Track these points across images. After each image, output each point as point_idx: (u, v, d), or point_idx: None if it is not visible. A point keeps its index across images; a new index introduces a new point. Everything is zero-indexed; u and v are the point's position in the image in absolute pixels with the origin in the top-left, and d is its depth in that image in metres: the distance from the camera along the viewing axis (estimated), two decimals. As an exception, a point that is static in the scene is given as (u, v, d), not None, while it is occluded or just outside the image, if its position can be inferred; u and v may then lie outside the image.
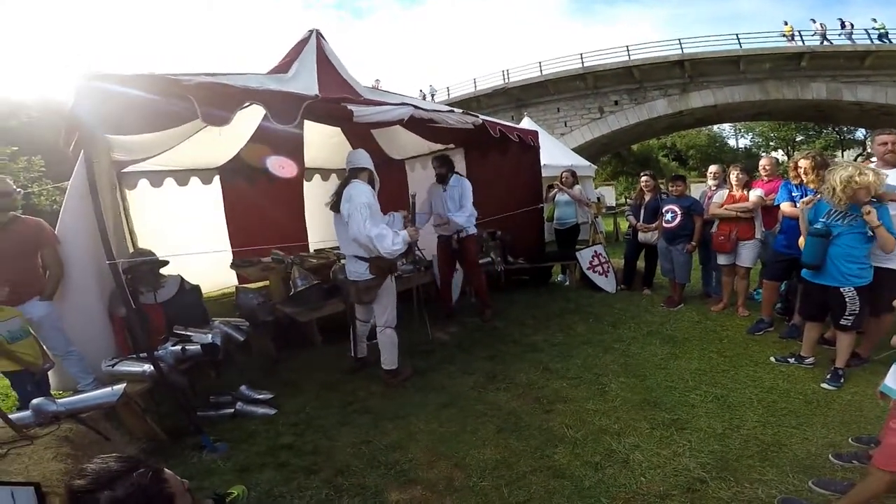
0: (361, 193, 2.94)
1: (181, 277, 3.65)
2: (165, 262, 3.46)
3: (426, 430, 2.60)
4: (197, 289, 3.84)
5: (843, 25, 17.91)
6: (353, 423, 2.74)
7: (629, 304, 5.02)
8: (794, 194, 3.60)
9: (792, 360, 3.21)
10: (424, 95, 22.96)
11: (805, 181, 3.51)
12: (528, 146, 4.93)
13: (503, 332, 4.26)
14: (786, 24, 18.95)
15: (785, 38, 18.33)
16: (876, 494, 1.62)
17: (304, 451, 2.46)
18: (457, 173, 4.51)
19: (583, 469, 2.14)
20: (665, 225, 4.74)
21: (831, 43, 17.50)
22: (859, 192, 2.57)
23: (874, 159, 3.18)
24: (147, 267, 3.29)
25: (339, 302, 4.34)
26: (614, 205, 14.50)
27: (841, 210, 2.75)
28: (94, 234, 2.45)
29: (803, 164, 3.49)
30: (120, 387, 2.31)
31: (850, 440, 2.24)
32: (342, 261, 3.43)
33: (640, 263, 5.56)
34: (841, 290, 2.79)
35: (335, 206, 3.09)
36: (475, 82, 22.99)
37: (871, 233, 2.65)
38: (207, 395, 3.09)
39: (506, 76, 21.64)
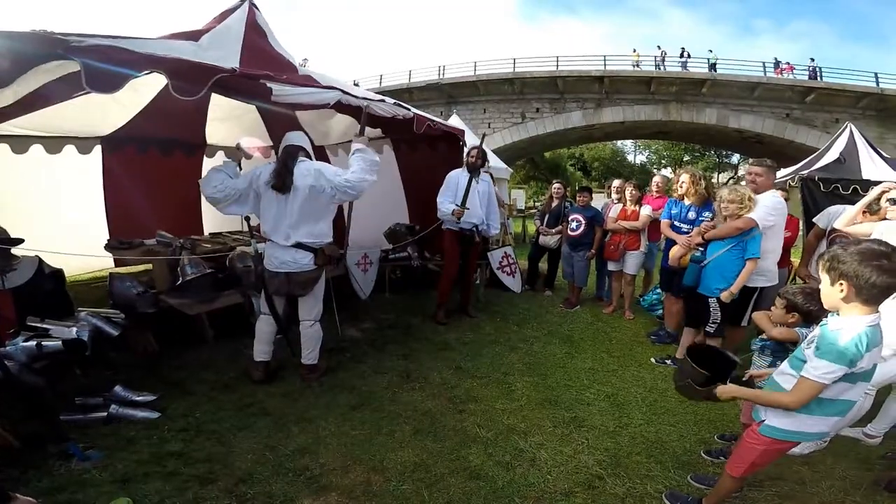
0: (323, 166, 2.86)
1: (39, 259, 3.04)
2: (19, 241, 2.86)
3: (337, 433, 2.49)
4: (59, 273, 3.23)
5: (681, 55, 21.01)
6: (251, 428, 2.52)
7: (532, 304, 5.35)
8: (673, 211, 3.94)
9: (669, 362, 3.65)
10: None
11: (682, 195, 3.87)
12: (455, 144, 4.95)
13: (416, 330, 4.26)
14: (634, 51, 21.80)
15: (631, 65, 20.90)
16: (728, 493, 1.91)
17: (196, 459, 2.21)
18: (485, 171, 4.55)
19: (496, 469, 2.21)
20: (570, 233, 5.12)
21: (665, 69, 20.28)
22: (735, 212, 3.01)
23: (743, 182, 3.68)
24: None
25: (235, 293, 3.97)
26: (524, 208, 15.33)
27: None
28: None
29: (684, 178, 3.85)
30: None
31: (716, 437, 2.59)
32: (251, 247, 3.05)
33: (543, 265, 5.96)
34: (708, 299, 3.17)
35: (283, 186, 2.78)
36: (410, 74, 22.89)
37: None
38: (73, 396, 2.62)
39: (441, 72, 21.84)
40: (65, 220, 4.96)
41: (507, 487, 2.08)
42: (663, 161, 39.88)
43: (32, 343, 2.37)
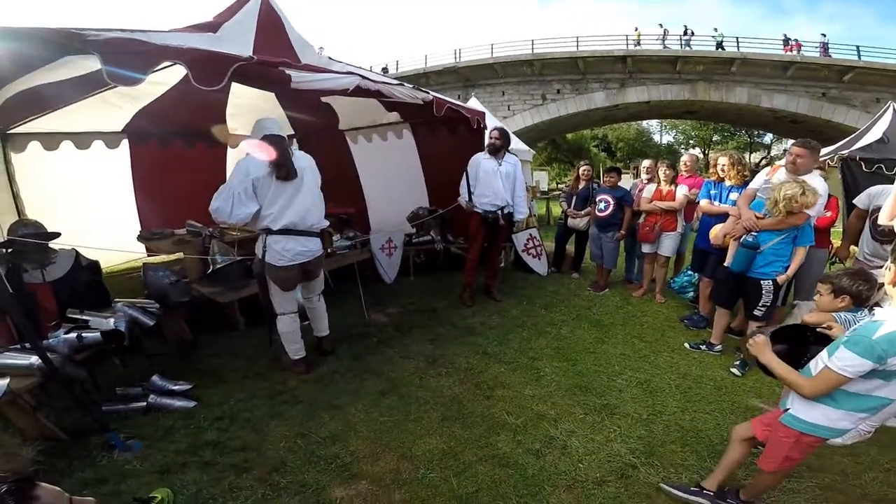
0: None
1: (76, 252, 3.13)
2: (55, 235, 2.95)
3: (366, 420, 2.51)
4: (95, 264, 3.32)
5: (685, 32, 20.29)
6: (284, 415, 2.56)
7: (559, 286, 5.24)
8: (712, 192, 3.89)
9: (703, 347, 3.52)
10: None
11: (721, 178, 3.80)
12: (476, 126, 4.85)
13: (442, 314, 4.24)
14: (636, 29, 21.05)
15: (634, 43, 20.29)
16: (767, 488, 1.84)
17: (231, 448, 2.26)
18: (510, 152, 4.45)
19: (525, 457, 2.19)
20: (598, 213, 4.97)
21: (667, 47, 19.73)
22: (796, 209, 2.78)
23: (780, 162, 3.50)
24: (32, 240, 2.78)
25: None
26: (547, 189, 15.07)
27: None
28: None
29: (723, 161, 3.77)
30: (2, 383, 1.96)
31: None
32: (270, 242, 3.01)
33: (570, 247, 5.83)
34: (761, 282, 3.04)
35: (290, 173, 2.75)
36: (426, 58, 22.67)
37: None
38: (114, 387, 2.72)
39: (457, 55, 21.55)
40: (98, 212, 5.13)
41: (538, 475, 2.06)
42: (692, 141, 38.55)
43: (73, 335, 2.44)
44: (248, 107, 5.16)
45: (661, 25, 20.71)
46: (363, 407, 2.65)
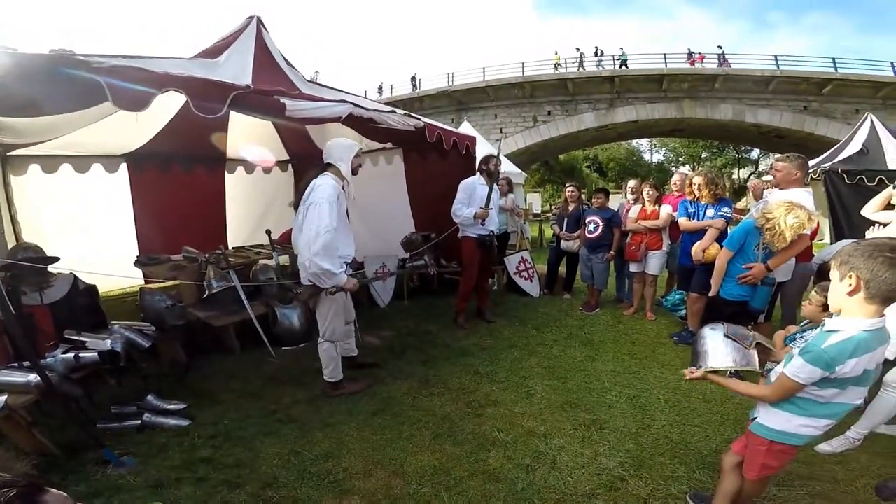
0: (325, 187, 2.74)
1: (74, 276, 3.20)
2: (54, 259, 3.02)
3: (359, 438, 2.54)
4: (93, 289, 3.39)
5: (596, 53, 21.42)
6: (277, 434, 2.59)
7: (551, 308, 5.31)
8: (689, 210, 4.01)
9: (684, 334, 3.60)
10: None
11: (698, 197, 3.93)
12: (466, 153, 5.01)
13: (435, 336, 4.29)
14: (556, 53, 22.10)
15: (553, 67, 21.27)
16: (753, 496, 1.86)
17: (224, 465, 2.28)
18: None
19: (515, 472, 2.22)
20: (587, 235, 5.08)
21: (584, 69, 20.63)
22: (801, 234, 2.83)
23: (766, 177, 3.66)
24: (30, 264, 2.84)
25: (260, 305, 4.08)
26: (540, 211, 15.28)
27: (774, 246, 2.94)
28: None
29: (697, 180, 3.90)
30: (0, 399, 1.98)
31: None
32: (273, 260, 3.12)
33: (562, 269, 5.92)
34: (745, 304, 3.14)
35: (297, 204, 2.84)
36: (420, 82, 23.44)
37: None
38: (109, 405, 2.75)
39: (450, 79, 22.20)
40: (96, 237, 5.18)
41: (527, 490, 2.09)
42: (681, 159, 39.21)
43: (70, 355, 2.50)
44: (245, 132, 5.32)
45: (577, 49, 21.69)
46: (356, 426, 2.67)
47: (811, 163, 5.91)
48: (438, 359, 3.75)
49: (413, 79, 23.73)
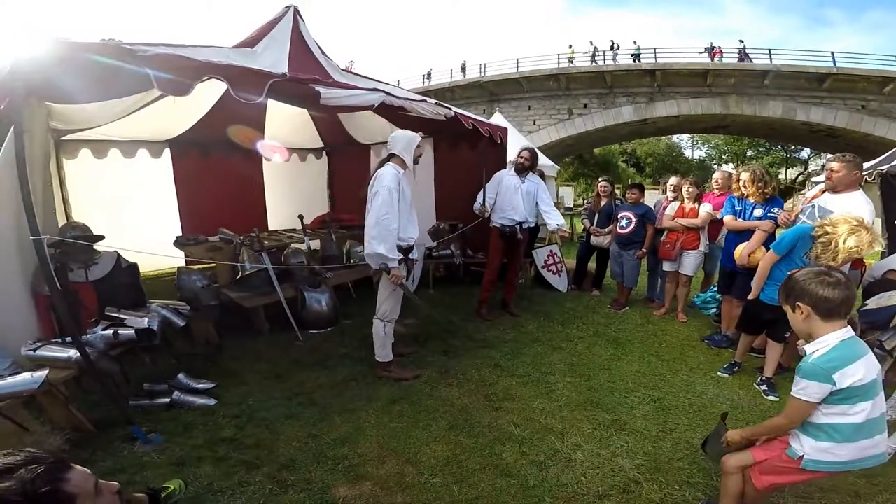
0: (386, 176, 2.88)
1: (117, 254, 3.37)
2: (100, 237, 3.19)
3: (376, 425, 2.58)
4: (134, 267, 3.56)
5: (611, 47, 20.85)
6: (298, 416, 2.66)
7: (578, 304, 5.21)
8: (736, 208, 3.79)
9: (736, 370, 3.37)
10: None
11: (745, 194, 3.72)
12: (497, 143, 4.95)
13: (457, 327, 4.29)
14: (570, 47, 21.64)
15: (568, 60, 20.85)
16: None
17: (245, 445, 2.37)
18: (534, 171, 4.57)
19: (528, 468, 2.20)
20: (619, 230, 4.94)
21: (596, 62, 20.16)
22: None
23: (815, 179, 3.42)
24: (78, 242, 3.02)
25: (289, 287, 4.19)
26: (572, 205, 14.97)
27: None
28: (18, 206, 2.23)
29: (744, 177, 3.68)
30: (41, 373, 2.11)
31: None
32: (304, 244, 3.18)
33: (591, 265, 5.78)
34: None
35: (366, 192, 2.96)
36: (451, 73, 23.42)
37: None
38: (141, 383, 2.90)
39: (482, 69, 22.00)
40: (140, 218, 5.43)
41: (539, 487, 2.07)
42: (724, 156, 37.35)
43: (110, 331, 2.64)
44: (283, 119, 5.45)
45: (591, 42, 21.27)
46: (374, 412, 2.72)
47: (868, 164, 5.50)
48: (460, 349, 3.75)
49: (463, 66, 23.67)
